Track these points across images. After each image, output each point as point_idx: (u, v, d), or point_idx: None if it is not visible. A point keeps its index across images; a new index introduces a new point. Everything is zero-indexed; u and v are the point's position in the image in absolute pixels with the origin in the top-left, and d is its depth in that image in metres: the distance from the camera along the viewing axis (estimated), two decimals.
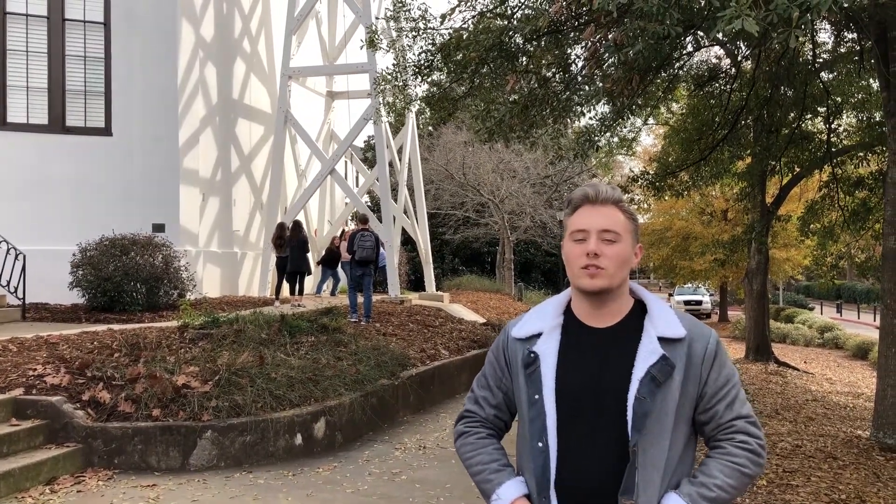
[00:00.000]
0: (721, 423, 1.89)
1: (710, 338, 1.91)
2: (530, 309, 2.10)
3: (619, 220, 1.92)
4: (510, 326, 2.09)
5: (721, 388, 1.89)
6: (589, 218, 1.92)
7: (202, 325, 9.32)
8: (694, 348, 1.89)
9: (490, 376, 2.11)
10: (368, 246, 12.65)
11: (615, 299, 1.94)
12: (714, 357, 1.90)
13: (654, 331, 1.89)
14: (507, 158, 29.35)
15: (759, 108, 13.64)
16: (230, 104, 17.49)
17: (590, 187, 1.96)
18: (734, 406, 1.89)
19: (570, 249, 1.95)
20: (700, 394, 1.89)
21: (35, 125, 14.47)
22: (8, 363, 7.71)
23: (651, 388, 1.82)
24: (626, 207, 1.95)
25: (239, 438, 6.96)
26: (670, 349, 1.86)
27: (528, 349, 1.97)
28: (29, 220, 13.83)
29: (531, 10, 8.18)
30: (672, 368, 1.84)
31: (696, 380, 1.88)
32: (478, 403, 2.12)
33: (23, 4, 14.35)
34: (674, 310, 1.96)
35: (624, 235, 1.91)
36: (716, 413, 1.89)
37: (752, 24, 3.69)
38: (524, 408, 1.96)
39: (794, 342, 27.17)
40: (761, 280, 17.59)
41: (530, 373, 1.94)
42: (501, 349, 2.08)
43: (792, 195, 21.03)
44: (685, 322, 1.92)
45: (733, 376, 1.92)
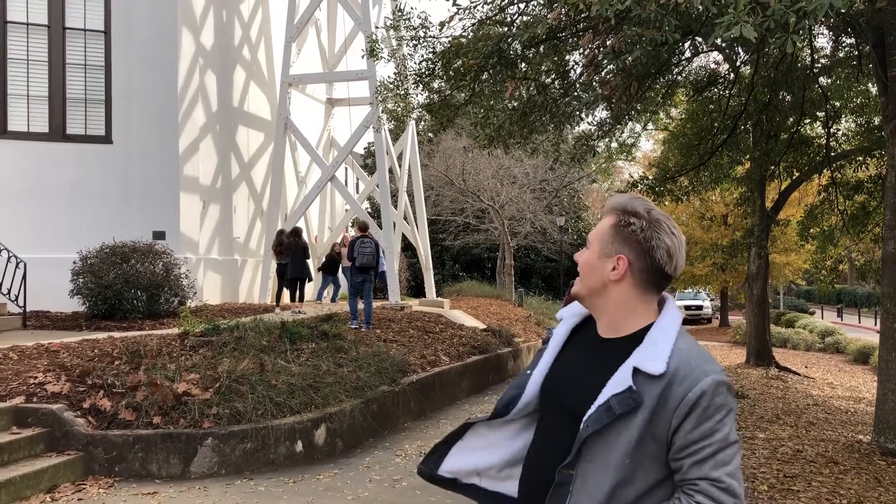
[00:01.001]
0: (686, 479, 1.67)
1: (699, 384, 1.66)
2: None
3: (601, 228, 1.85)
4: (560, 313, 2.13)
5: (694, 443, 1.65)
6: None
7: (203, 332, 9.33)
8: (673, 390, 1.67)
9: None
10: (369, 252, 12.66)
11: (604, 311, 1.84)
12: (693, 406, 1.65)
13: (633, 359, 1.72)
14: (506, 164, 29.39)
15: (758, 112, 13.69)
16: (230, 111, 17.52)
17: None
18: (703, 466, 1.65)
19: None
20: (670, 441, 1.68)
21: (36, 133, 14.51)
22: (9, 371, 7.72)
23: (604, 417, 1.68)
24: (623, 218, 1.81)
25: (240, 446, 6.96)
26: (644, 384, 1.68)
27: (551, 329, 2.02)
28: (30, 228, 13.85)
29: (530, 17, 8.22)
30: (637, 404, 1.67)
31: (666, 425, 1.67)
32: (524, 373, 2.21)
33: (23, 13, 14.40)
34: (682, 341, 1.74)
35: (594, 243, 1.84)
36: (681, 467, 1.68)
37: (749, 30, 3.71)
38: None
39: (794, 347, 27.15)
40: (761, 285, 17.60)
41: (541, 350, 1.99)
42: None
43: (791, 200, 21.05)
44: (678, 359, 1.70)
45: (717, 432, 1.66)
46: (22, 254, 12.43)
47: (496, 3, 8.27)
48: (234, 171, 17.78)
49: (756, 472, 7.42)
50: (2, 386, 7.25)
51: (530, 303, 26.58)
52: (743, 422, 10.23)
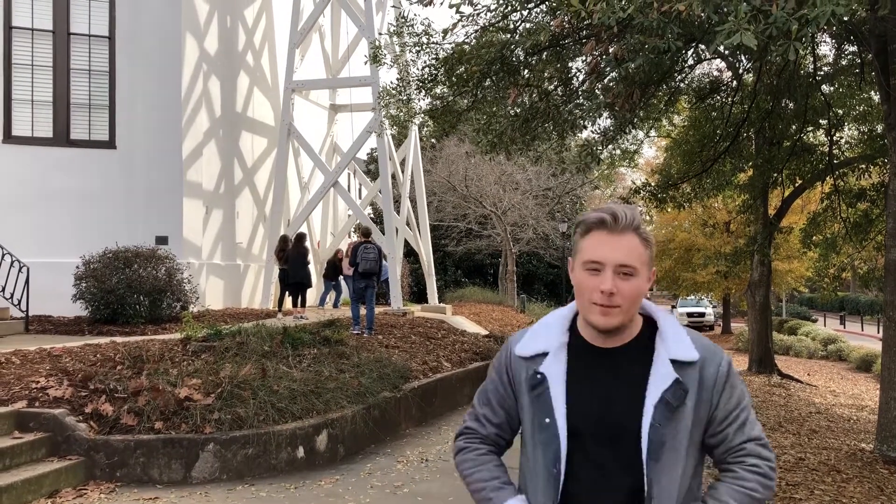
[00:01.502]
0: (731, 447, 1.83)
1: (721, 360, 1.84)
2: (533, 324, 2.04)
3: (637, 251, 1.79)
4: (513, 343, 1.98)
5: (732, 412, 1.83)
6: (605, 249, 1.78)
7: (205, 337, 9.34)
8: (706, 371, 1.81)
9: (492, 393, 2.01)
10: (371, 258, 12.67)
11: (625, 326, 1.85)
12: (726, 380, 1.83)
13: (666, 353, 1.81)
14: (509, 170, 29.42)
15: (760, 120, 13.69)
16: (234, 117, 17.57)
17: (607, 212, 1.81)
18: (745, 429, 1.83)
19: (582, 279, 1.82)
20: (710, 417, 1.83)
21: (40, 138, 14.55)
22: (11, 375, 7.73)
23: (665, 414, 1.76)
24: (645, 234, 1.82)
25: (241, 451, 6.96)
26: (683, 372, 1.79)
27: (534, 369, 1.88)
28: (33, 232, 13.88)
29: (532, 24, 8.24)
30: (685, 393, 1.78)
31: (708, 404, 1.81)
32: (479, 421, 2.03)
33: (28, 19, 14.46)
34: (686, 329, 1.88)
35: (640, 268, 1.79)
36: (726, 436, 1.83)
37: (750, 37, 3.72)
38: (531, 430, 1.89)
39: (797, 354, 27.10)
40: (764, 292, 17.58)
41: (537, 395, 1.86)
42: (504, 367, 1.98)
43: (794, 207, 21.06)
44: (698, 343, 1.84)
45: (744, 398, 1.86)
46: (25, 258, 12.45)
47: (499, 11, 8.30)
48: (238, 176, 17.82)
49: None
50: (4, 390, 7.26)
51: (532, 309, 26.58)
52: None
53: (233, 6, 17.59)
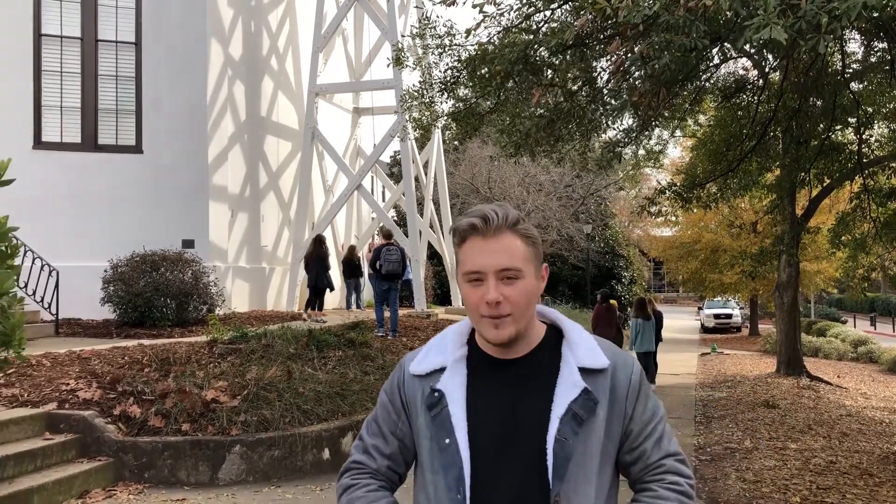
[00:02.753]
0: (649, 464, 1.69)
1: (633, 367, 1.70)
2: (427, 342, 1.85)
3: (517, 251, 1.63)
4: (406, 362, 1.80)
5: (648, 424, 1.69)
6: (482, 256, 1.62)
7: (231, 339, 9.40)
8: (618, 379, 1.67)
9: (383, 421, 1.80)
10: (394, 259, 12.68)
11: (524, 336, 1.69)
12: (639, 389, 1.69)
13: (574, 360, 1.67)
14: (532, 172, 29.34)
15: (787, 119, 13.51)
16: (258, 121, 17.69)
17: (476, 215, 1.65)
18: (662, 444, 1.70)
19: (466, 293, 1.66)
20: (625, 431, 1.68)
21: (68, 144, 14.74)
22: (42, 378, 7.84)
23: (573, 427, 1.61)
24: (524, 229, 1.66)
25: (267, 453, 6.99)
26: (592, 381, 1.65)
27: (430, 386, 1.70)
28: (62, 236, 14.05)
29: (556, 23, 8.20)
30: (595, 404, 1.63)
31: (621, 415, 1.67)
32: (367, 453, 1.80)
33: (57, 26, 14.66)
34: (593, 335, 1.74)
35: (525, 268, 1.63)
36: (643, 452, 1.69)
37: (780, 31, 3.65)
38: (429, 455, 1.69)
39: (826, 356, 26.71)
40: (792, 293, 17.35)
41: (435, 414, 1.68)
42: (397, 388, 1.79)
43: (822, 207, 20.75)
44: (607, 350, 1.71)
45: (658, 409, 1.72)
46: (55, 262, 12.61)
47: (522, 11, 8.27)
48: (263, 180, 17.93)
49: (788, 483, 7.30)
50: (35, 392, 7.36)
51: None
52: (774, 432, 10.08)
53: (257, 11, 17.72)
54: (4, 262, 3.96)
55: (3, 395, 7.24)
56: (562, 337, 1.74)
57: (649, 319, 14.14)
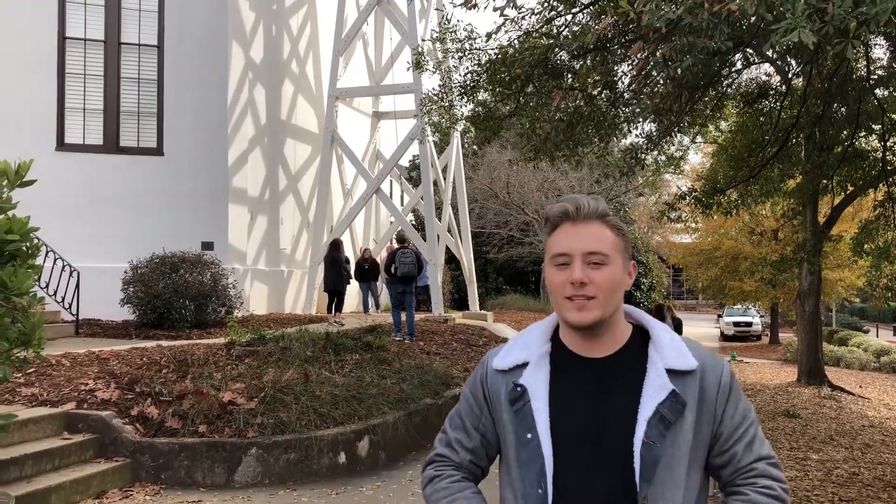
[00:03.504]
0: (740, 467, 1.67)
1: (723, 369, 1.69)
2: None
3: (606, 239, 1.67)
4: (490, 357, 1.82)
5: (738, 427, 1.67)
6: (571, 239, 1.66)
7: (248, 342, 9.42)
8: (707, 381, 1.66)
9: (466, 415, 1.84)
10: (409, 262, 12.68)
11: (609, 328, 1.70)
12: (729, 391, 1.67)
13: (661, 362, 1.66)
14: (551, 177, 29.24)
15: (810, 125, 13.37)
16: (278, 124, 17.76)
17: (569, 201, 1.70)
18: (754, 446, 1.67)
19: (552, 276, 1.68)
20: (715, 434, 1.67)
21: (91, 145, 14.87)
22: (61, 377, 7.88)
23: (660, 430, 1.60)
24: (614, 221, 1.71)
25: (283, 456, 6.98)
26: (680, 383, 1.63)
27: (513, 382, 1.72)
28: (83, 237, 14.17)
29: (577, 26, 8.16)
30: (683, 406, 1.62)
31: (710, 418, 1.65)
32: (450, 447, 1.85)
33: (81, 29, 14.81)
34: (682, 337, 1.73)
35: (613, 256, 1.66)
36: (734, 455, 1.67)
37: (808, 35, 3.59)
38: (512, 450, 1.72)
39: (848, 366, 26.37)
40: (814, 302, 17.14)
41: (518, 409, 1.69)
42: (480, 383, 1.81)
43: (845, 215, 20.51)
44: (696, 351, 1.69)
45: (749, 412, 1.70)
46: (76, 262, 12.71)
47: (543, 15, 8.24)
48: (282, 183, 18.00)
49: (810, 494, 7.19)
50: (54, 392, 7.41)
51: None
52: (795, 442, 9.95)
53: (278, 15, 17.80)
54: (26, 262, 3.97)
55: (23, 394, 7.29)
56: (648, 338, 1.72)
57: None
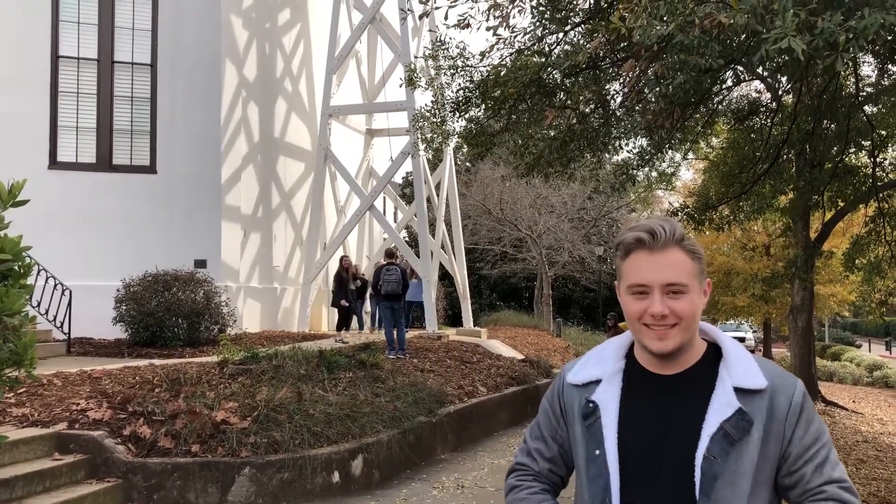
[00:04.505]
0: (809, 489, 1.64)
1: (794, 389, 1.67)
2: (587, 351, 1.91)
3: (684, 266, 1.66)
4: (566, 371, 1.88)
5: (808, 449, 1.65)
6: (649, 270, 1.66)
7: (242, 360, 9.37)
8: (777, 401, 1.65)
9: (544, 426, 1.89)
10: (393, 280, 12.64)
11: (686, 350, 1.71)
12: (800, 412, 1.66)
13: (730, 380, 1.67)
14: (544, 193, 29.33)
15: (801, 142, 13.46)
16: (272, 142, 17.78)
17: (644, 230, 1.68)
18: (824, 469, 1.64)
19: (629, 305, 1.70)
20: (784, 454, 1.65)
21: (84, 164, 14.86)
22: (53, 397, 7.82)
23: (723, 446, 1.61)
24: (691, 245, 1.69)
25: (277, 475, 6.93)
26: (748, 402, 1.64)
27: (586, 397, 1.77)
28: (75, 255, 14.12)
29: (569, 46, 8.22)
30: (750, 424, 1.62)
31: (779, 438, 1.65)
32: (531, 456, 1.90)
33: (75, 48, 14.83)
34: (755, 356, 1.74)
35: (692, 283, 1.66)
36: (802, 477, 1.65)
37: (798, 43, 3.64)
38: (582, 463, 1.76)
39: (841, 380, 26.44)
40: (806, 317, 17.17)
41: (589, 424, 1.74)
42: (557, 396, 1.87)
43: (836, 230, 20.60)
44: (767, 370, 1.69)
45: (823, 434, 1.68)
46: (68, 281, 12.65)
47: (535, 33, 8.29)
48: (275, 200, 18.00)
49: None
50: (45, 412, 7.34)
51: (569, 333, 26.30)
52: None
53: (271, 33, 17.87)
54: (17, 282, 3.95)
55: (14, 414, 7.22)
56: (720, 355, 1.73)
57: None
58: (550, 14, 7.71)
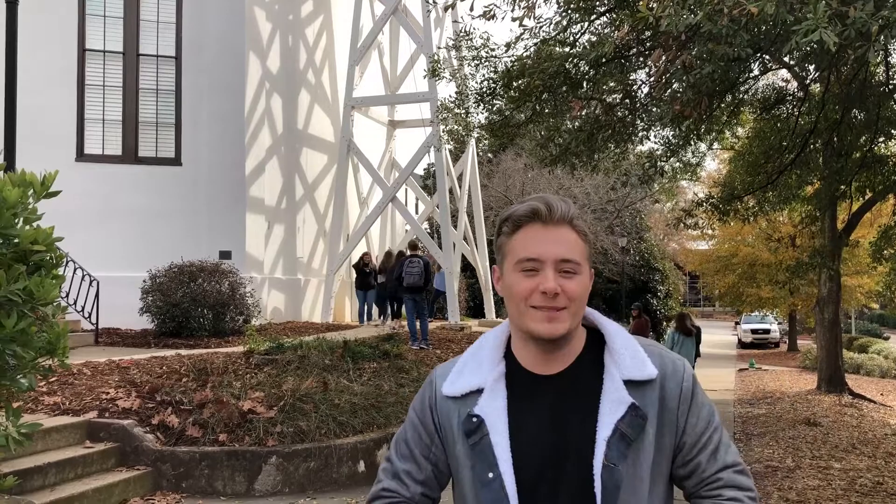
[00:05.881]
0: (705, 478, 1.53)
1: (683, 372, 1.54)
2: (460, 355, 1.67)
3: (577, 245, 1.52)
4: (438, 379, 1.62)
5: (701, 435, 1.53)
6: (542, 243, 1.50)
7: (267, 350, 9.45)
8: (667, 389, 1.51)
9: (414, 443, 1.64)
10: (416, 272, 12.66)
11: (570, 340, 1.54)
12: (692, 397, 1.53)
13: (618, 372, 1.50)
14: (567, 184, 29.20)
15: (828, 131, 13.27)
16: (295, 134, 17.85)
17: (539, 200, 1.53)
18: (718, 454, 1.53)
19: (516, 283, 1.51)
20: (678, 444, 1.53)
21: (110, 156, 15.02)
22: (83, 386, 7.94)
23: (621, 449, 1.45)
24: (582, 226, 1.55)
25: (303, 464, 6.99)
26: (640, 395, 1.49)
27: (467, 412, 1.53)
28: (103, 247, 14.28)
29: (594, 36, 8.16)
30: (644, 420, 1.47)
31: (672, 428, 1.51)
32: (398, 479, 1.64)
33: (100, 41, 14.98)
34: (638, 338, 1.58)
35: (583, 264, 1.52)
36: (698, 465, 1.53)
37: (830, 35, 3.58)
38: (468, 487, 1.53)
39: (868, 373, 26.09)
40: (833, 309, 16.98)
41: (474, 443, 1.51)
42: (428, 408, 1.62)
43: (864, 220, 20.33)
44: (655, 356, 1.53)
45: (713, 417, 1.55)
46: (95, 272, 12.80)
47: (560, 23, 8.25)
48: (299, 192, 18.08)
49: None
50: (76, 401, 7.46)
51: None
52: (816, 450, 9.84)
53: (294, 25, 17.92)
54: (50, 272, 4.01)
55: (46, 403, 7.35)
56: (603, 342, 1.57)
57: (690, 335, 13.93)
58: (576, 3, 7.66)
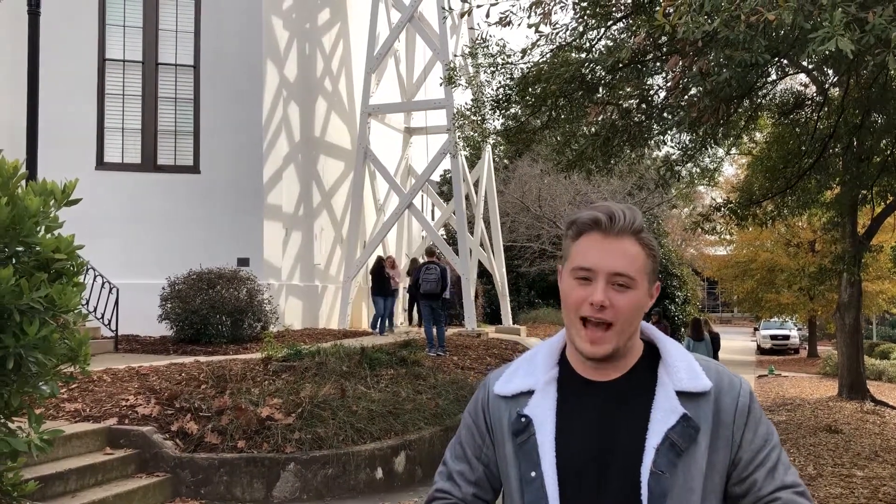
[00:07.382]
0: (762, 496, 1.50)
1: (740, 388, 1.54)
2: (515, 358, 1.71)
3: (636, 259, 1.51)
4: (491, 380, 1.66)
5: (759, 452, 1.52)
6: (598, 254, 1.50)
7: (285, 357, 9.48)
8: (723, 403, 1.51)
9: (467, 444, 1.67)
10: (433, 279, 12.68)
11: (623, 355, 1.56)
12: (748, 413, 1.52)
13: (671, 383, 1.52)
14: (583, 190, 29.14)
15: (848, 135, 13.16)
16: (312, 141, 17.95)
17: (602, 210, 1.53)
18: (776, 473, 1.51)
19: (569, 290, 1.53)
20: (733, 460, 1.52)
21: (129, 164, 15.16)
22: (103, 393, 8.01)
23: (671, 458, 1.46)
24: (648, 240, 1.54)
25: (321, 471, 7.01)
26: (693, 406, 1.49)
27: (516, 411, 1.57)
28: (122, 255, 14.41)
29: (611, 41, 8.15)
30: (696, 431, 1.48)
31: (727, 443, 1.51)
32: (452, 480, 1.68)
33: (120, 51, 15.14)
34: (695, 355, 1.58)
35: (640, 279, 1.51)
36: (754, 483, 1.51)
37: (846, 43, 3.54)
38: (514, 486, 1.56)
39: (891, 380, 25.78)
40: (854, 314, 16.81)
41: (521, 442, 1.54)
42: (481, 409, 1.65)
43: (885, 225, 20.14)
44: (710, 371, 1.54)
45: (772, 436, 1.54)
46: (115, 279, 12.92)
47: (577, 30, 8.25)
48: (316, 199, 18.16)
49: None
50: (97, 407, 7.52)
51: None
52: (838, 458, 9.74)
53: (311, 33, 18.03)
54: (72, 280, 4.06)
55: (67, 409, 7.42)
56: (659, 357, 1.58)
57: (700, 340, 13.90)
58: (592, 9, 7.66)
